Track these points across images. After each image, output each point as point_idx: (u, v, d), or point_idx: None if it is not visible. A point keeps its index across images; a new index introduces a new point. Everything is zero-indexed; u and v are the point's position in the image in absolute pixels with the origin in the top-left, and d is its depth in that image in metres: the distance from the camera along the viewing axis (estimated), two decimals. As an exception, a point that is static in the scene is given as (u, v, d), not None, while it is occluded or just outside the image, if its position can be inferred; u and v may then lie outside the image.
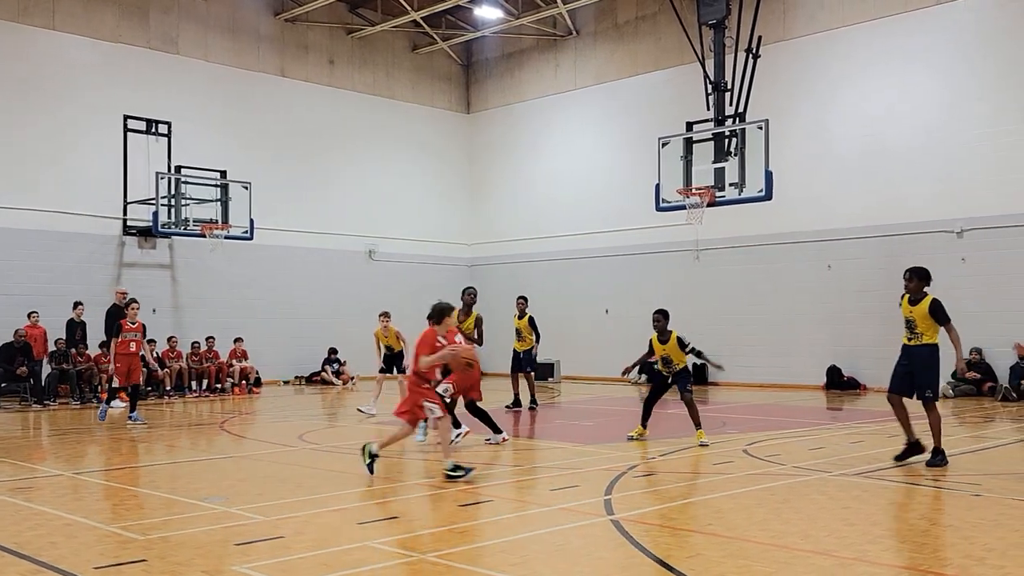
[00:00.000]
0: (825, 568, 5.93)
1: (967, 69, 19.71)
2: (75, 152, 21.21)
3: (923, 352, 9.74)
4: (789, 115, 21.34)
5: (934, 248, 19.85)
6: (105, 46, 21.93)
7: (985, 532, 6.82)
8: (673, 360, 11.73)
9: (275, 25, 25.12)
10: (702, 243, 23.20)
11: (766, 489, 8.70)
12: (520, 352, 17.00)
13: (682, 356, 11.72)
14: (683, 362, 11.80)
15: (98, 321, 19.27)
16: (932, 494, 8.06)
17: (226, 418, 16.29)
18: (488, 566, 5.92)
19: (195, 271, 22.89)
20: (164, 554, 6.26)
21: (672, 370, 11.77)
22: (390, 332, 16.11)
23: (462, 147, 29.36)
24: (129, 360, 14.74)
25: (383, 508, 8.01)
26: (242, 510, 7.69)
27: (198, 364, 21.21)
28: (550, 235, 26.78)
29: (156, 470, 10.72)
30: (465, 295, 14.81)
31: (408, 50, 28.07)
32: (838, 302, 21.13)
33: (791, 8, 22.30)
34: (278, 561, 6.09)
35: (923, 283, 10.03)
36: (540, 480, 9.59)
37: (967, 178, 19.47)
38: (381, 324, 16.13)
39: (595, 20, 26.29)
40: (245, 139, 24.03)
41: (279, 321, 24.23)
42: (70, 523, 7.31)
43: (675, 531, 6.97)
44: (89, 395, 19.12)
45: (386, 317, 16.16)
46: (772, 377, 22.26)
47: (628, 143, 24.78)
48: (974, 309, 19.16)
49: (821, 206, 21.39)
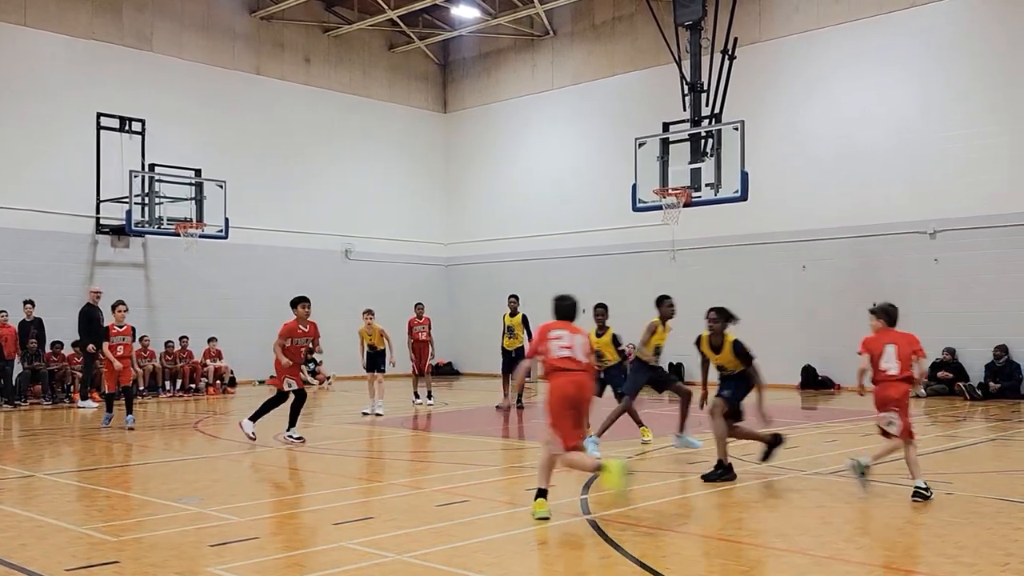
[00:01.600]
0: (800, 566, 5.97)
1: (940, 72, 19.90)
2: (47, 150, 20.95)
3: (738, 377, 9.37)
4: (765, 116, 21.45)
5: (907, 249, 20.05)
6: (78, 43, 21.70)
7: (957, 530, 6.89)
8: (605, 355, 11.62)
9: (250, 23, 24.97)
10: (678, 243, 23.28)
11: (741, 488, 8.74)
12: (511, 351, 16.90)
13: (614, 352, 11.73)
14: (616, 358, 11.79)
15: (70, 320, 19.04)
16: (905, 493, 8.12)
17: (200, 418, 16.18)
18: (464, 566, 5.91)
19: (169, 270, 22.70)
20: (137, 555, 6.20)
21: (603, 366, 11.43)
22: (374, 330, 16.14)
23: (439, 147, 29.31)
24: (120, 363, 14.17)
25: (359, 508, 7.97)
26: (217, 511, 7.64)
27: (172, 364, 21.04)
28: (527, 235, 26.78)
29: (129, 471, 10.62)
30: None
31: (385, 49, 27.99)
32: (813, 302, 21.26)
33: (767, 10, 22.43)
34: (253, 562, 6.04)
35: (726, 324, 9.33)
36: (516, 480, 9.59)
37: (940, 180, 19.66)
38: (365, 322, 16.15)
39: (572, 20, 26.32)
40: (220, 137, 23.86)
41: (254, 320, 24.03)
42: (41, 524, 7.22)
43: (651, 530, 6.99)
44: (61, 395, 18.92)
45: (370, 315, 16.18)
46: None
47: (605, 143, 24.83)
48: (947, 309, 19.41)
49: (796, 207, 21.53)
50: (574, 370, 7.55)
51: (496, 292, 28.08)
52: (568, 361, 7.56)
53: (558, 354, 7.59)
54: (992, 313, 18.86)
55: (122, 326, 14.27)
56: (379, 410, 15.77)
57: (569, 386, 7.51)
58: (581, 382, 7.57)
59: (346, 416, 16.11)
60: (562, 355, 7.58)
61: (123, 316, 14.33)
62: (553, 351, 7.63)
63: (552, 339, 7.67)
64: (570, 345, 7.63)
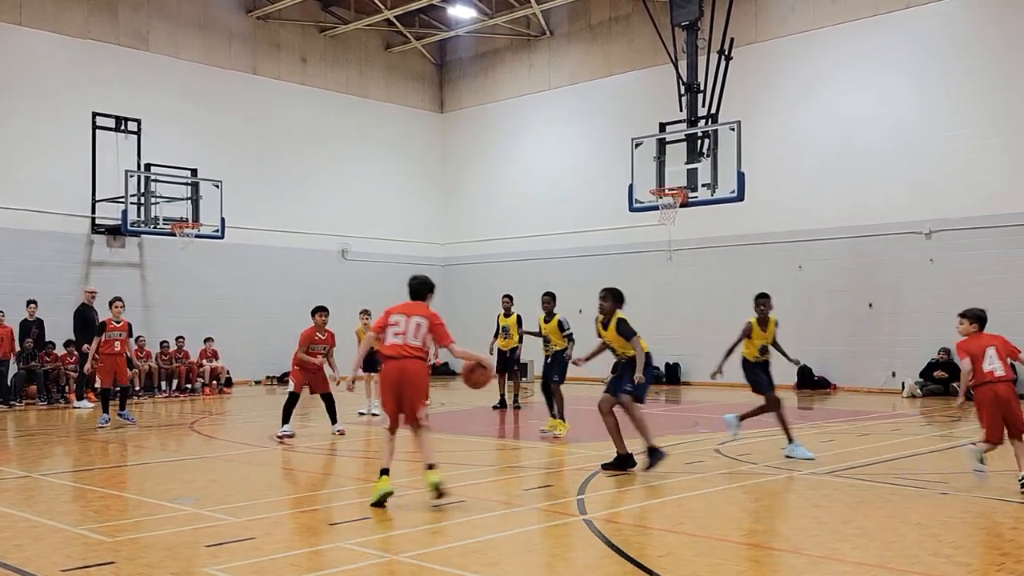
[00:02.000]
0: (796, 566, 5.97)
1: (936, 72, 19.93)
2: (43, 150, 20.92)
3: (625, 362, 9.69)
4: (761, 117, 21.47)
5: (903, 249, 20.09)
6: (74, 43, 21.68)
7: (952, 530, 6.90)
8: (552, 341, 13.23)
9: (247, 23, 24.94)
10: (675, 243, 23.30)
11: (738, 488, 8.75)
12: (506, 351, 16.86)
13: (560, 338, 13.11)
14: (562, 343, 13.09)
15: (66, 320, 19.03)
16: (900, 492, 8.14)
17: (196, 419, 16.16)
18: (461, 566, 5.91)
19: (165, 270, 22.68)
20: (133, 556, 6.19)
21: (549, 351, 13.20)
22: None
23: (436, 147, 29.31)
24: (114, 360, 14.28)
25: (355, 509, 7.97)
26: (213, 511, 7.63)
27: (168, 364, 21.02)
28: (523, 235, 26.79)
29: (125, 471, 10.60)
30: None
31: (381, 49, 27.97)
32: (809, 302, 21.27)
33: (763, 11, 22.45)
34: (249, 562, 6.04)
35: (617, 304, 9.76)
36: (513, 480, 9.58)
37: (936, 180, 19.69)
38: (362, 322, 16.13)
39: (569, 21, 26.33)
40: (216, 137, 23.84)
41: (250, 321, 24.05)
42: (36, 525, 7.21)
43: (647, 530, 6.99)
44: (56, 395, 18.90)
45: (366, 315, 16.13)
46: (743, 377, 22.37)
47: (601, 144, 24.83)
48: (942, 309, 19.39)
49: (792, 207, 21.55)
50: (399, 357, 7.90)
51: (493, 292, 28.04)
52: (396, 348, 7.92)
53: (389, 340, 8.00)
54: (989, 313, 18.85)
55: (119, 322, 14.39)
56: (375, 410, 15.70)
57: (392, 372, 7.90)
58: (403, 368, 7.88)
59: (342, 416, 16.08)
60: (393, 341, 7.96)
61: (119, 312, 14.45)
62: (387, 336, 8.02)
63: (390, 324, 8.03)
64: (404, 331, 7.97)
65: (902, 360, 20.00)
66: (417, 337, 7.99)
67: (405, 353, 7.90)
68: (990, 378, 8.37)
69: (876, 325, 20.53)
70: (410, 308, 8.16)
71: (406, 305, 8.23)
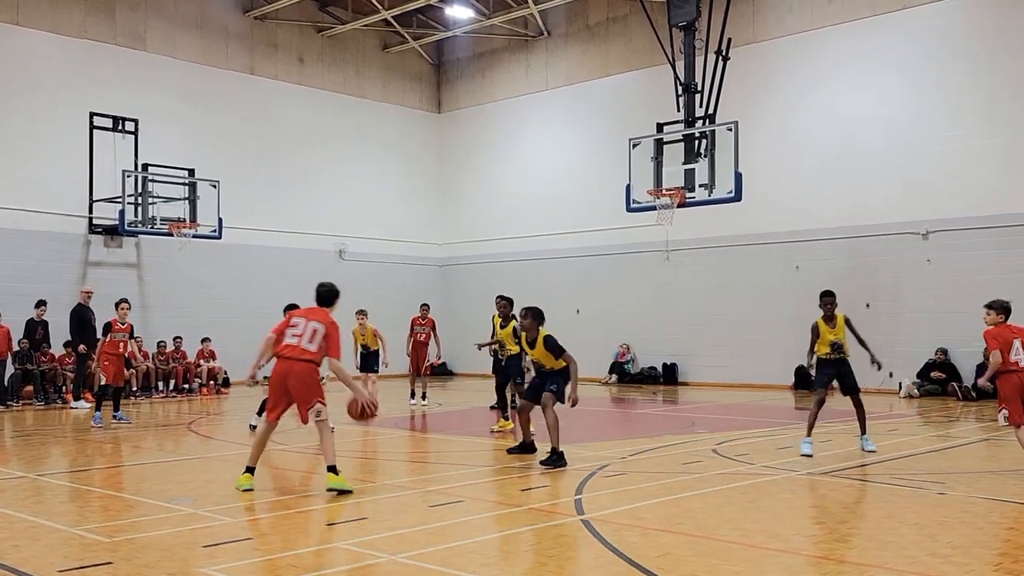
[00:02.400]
0: (793, 566, 5.98)
1: (934, 73, 19.95)
2: (40, 150, 20.89)
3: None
4: (758, 117, 21.49)
5: (900, 249, 20.11)
6: (71, 42, 21.65)
7: (949, 530, 6.91)
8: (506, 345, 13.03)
9: (244, 22, 24.93)
10: (672, 244, 23.31)
11: (735, 488, 8.76)
12: (503, 359, 16.55)
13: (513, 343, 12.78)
14: (515, 348, 12.65)
15: (63, 321, 19.00)
16: (898, 493, 8.15)
17: (193, 419, 16.14)
18: (458, 567, 5.91)
19: (162, 270, 22.65)
20: (130, 556, 6.18)
21: (504, 355, 12.94)
22: (367, 330, 16.07)
23: (433, 147, 29.30)
24: (118, 361, 14.55)
25: (352, 509, 7.96)
26: (210, 512, 7.62)
27: (165, 364, 21.00)
28: (521, 235, 26.79)
29: (122, 471, 10.59)
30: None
31: (379, 49, 27.96)
32: (806, 303, 21.15)
33: (760, 11, 22.47)
34: (246, 563, 6.03)
35: (538, 323, 10.00)
36: (510, 480, 9.58)
37: (933, 181, 19.72)
38: (358, 322, 16.09)
39: (566, 21, 26.33)
40: (213, 137, 23.82)
41: (247, 321, 23.98)
42: (34, 525, 7.20)
43: (645, 530, 6.99)
44: (53, 396, 18.87)
45: (363, 315, 16.13)
46: (741, 377, 22.41)
47: (599, 144, 24.84)
48: (939, 309, 19.49)
49: (790, 208, 21.57)
50: (290, 358, 8.40)
51: (490, 293, 28.01)
52: (289, 348, 8.42)
53: (286, 340, 8.50)
54: (984, 313, 18.89)
55: (124, 323, 14.63)
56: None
57: (279, 372, 8.46)
58: (289, 371, 8.37)
59: (339, 416, 16.07)
60: (288, 342, 8.46)
61: (126, 314, 14.71)
62: (285, 336, 8.51)
63: (290, 326, 8.56)
64: (301, 333, 8.43)
65: (900, 360, 20.00)
66: (312, 342, 8.39)
67: (296, 355, 8.36)
68: (1015, 367, 9.13)
69: (874, 325, 20.46)
70: (312, 313, 8.58)
71: (309, 310, 8.69)
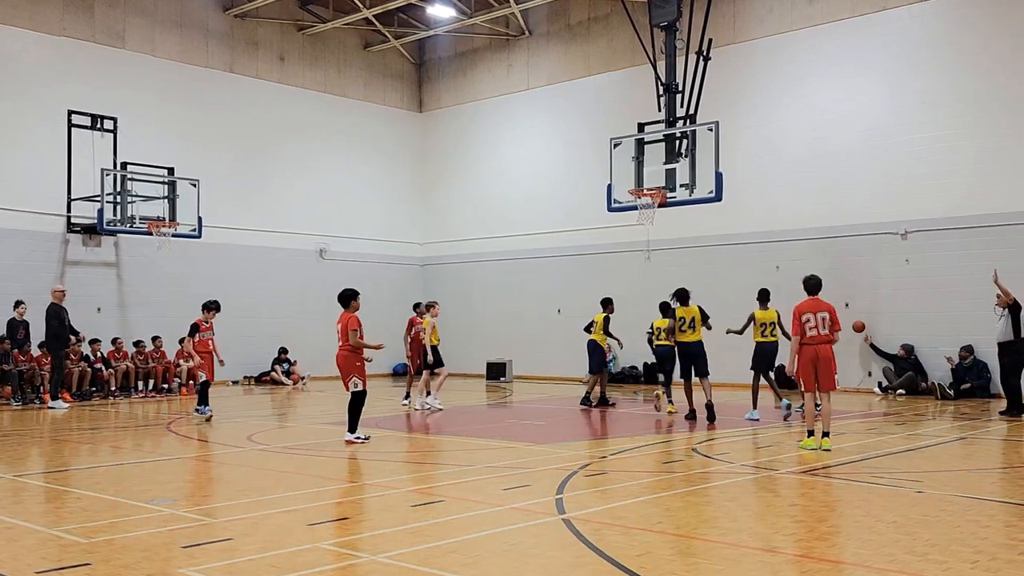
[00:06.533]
0: (773, 565, 6.01)
1: (911, 74, 20.11)
2: (18, 147, 20.72)
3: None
4: (739, 117, 21.58)
5: (879, 250, 20.26)
6: (49, 40, 21.47)
7: (927, 528, 6.96)
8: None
9: (224, 20, 24.79)
10: (653, 243, 23.36)
11: (715, 487, 8.79)
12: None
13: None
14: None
15: (40, 320, 18.79)
16: (876, 491, 8.21)
17: (173, 419, 16.06)
18: (439, 566, 5.90)
19: (141, 269, 22.50)
20: (108, 557, 6.14)
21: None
22: (434, 328, 16.49)
23: (414, 146, 29.25)
24: (209, 358, 15.68)
25: (333, 509, 7.94)
26: (189, 512, 7.58)
27: (144, 364, 20.86)
28: (502, 235, 26.79)
29: (101, 472, 10.52)
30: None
31: (360, 48, 27.89)
32: (786, 302, 21.30)
33: (741, 12, 22.56)
34: (226, 563, 6.01)
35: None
36: (492, 480, 9.58)
37: (911, 181, 19.87)
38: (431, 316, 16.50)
39: (548, 21, 26.35)
40: (193, 136, 23.68)
41: (228, 320, 23.69)
42: (11, 526, 7.14)
43: (626, 530, 7.01)
44: (31, 396, 18.71)
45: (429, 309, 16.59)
46: (721, 376, 22.42)
47: (580, 144, 24.88)
48: (917, 309, 19.65)
49: (770, 207, 21.69)
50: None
51: (472, 292, 28.13)
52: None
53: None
54: (962, 313, 19.08)
55: (208, 323, 15.77)
56: (431, 403, 15.99)
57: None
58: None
59: (322, 416, 16.04)
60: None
61: (212, 316, 15.94)
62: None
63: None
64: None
65: (877, 360, 20.18)
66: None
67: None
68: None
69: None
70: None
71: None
